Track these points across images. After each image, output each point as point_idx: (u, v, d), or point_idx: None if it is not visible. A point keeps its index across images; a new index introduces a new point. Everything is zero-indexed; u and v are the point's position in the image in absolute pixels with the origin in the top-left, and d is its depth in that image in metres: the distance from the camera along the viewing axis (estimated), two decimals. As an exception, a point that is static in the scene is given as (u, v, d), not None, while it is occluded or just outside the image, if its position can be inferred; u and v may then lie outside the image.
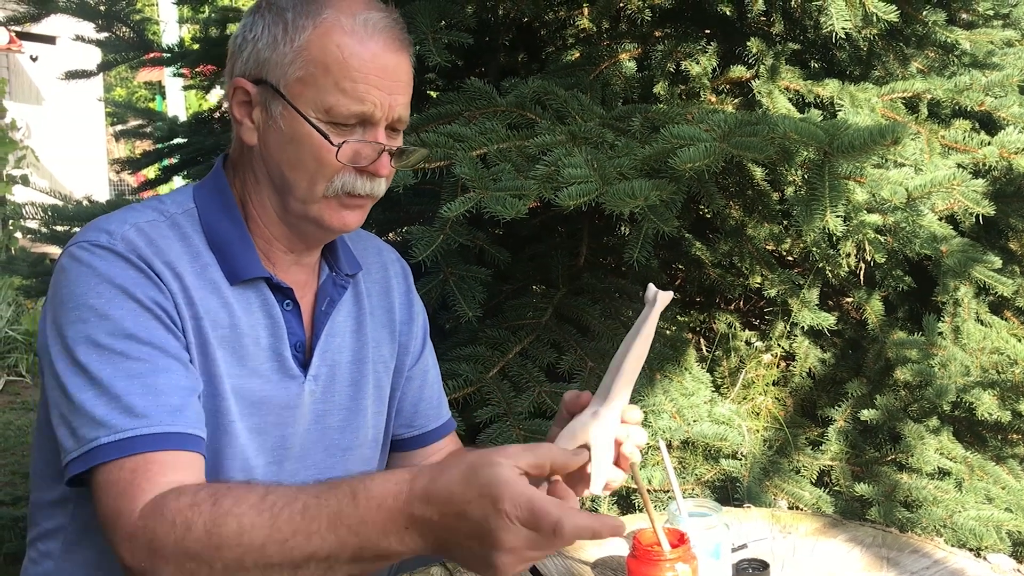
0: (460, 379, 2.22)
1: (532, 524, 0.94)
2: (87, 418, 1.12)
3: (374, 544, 0.99)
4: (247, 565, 1.01)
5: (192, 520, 1.03)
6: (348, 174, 1.24)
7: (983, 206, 2.18)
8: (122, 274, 1.17)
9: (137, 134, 3.72)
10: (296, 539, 1.00)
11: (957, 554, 1.28)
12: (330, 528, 1.00)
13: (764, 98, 2.48)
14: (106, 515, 1.09)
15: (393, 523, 0.99)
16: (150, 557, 1.04)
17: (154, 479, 1.09)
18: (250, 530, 1.01)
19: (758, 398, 2.71)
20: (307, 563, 1.01)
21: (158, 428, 1.12)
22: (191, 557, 1.02)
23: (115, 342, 1.14)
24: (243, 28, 1.28)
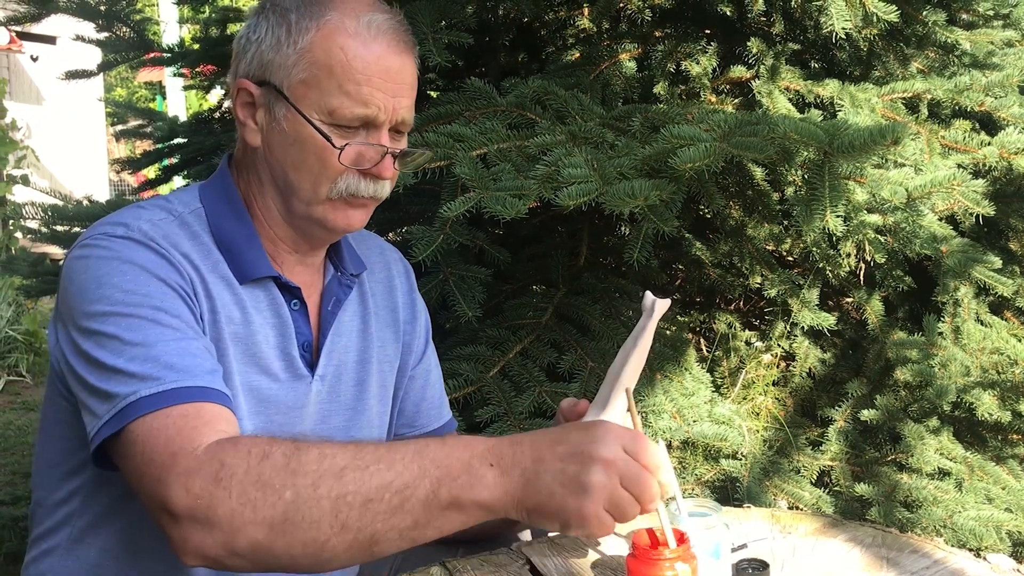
0: (461, 379, 2.23)
1: (632, 448, 1.00)
2: (122, 377, 1.08)
3: (454, 478, 0.98)
4: (319, 493, 0.97)
5: (270, 451, 1.00)
6: (352, 176, 1.24)
7: (983, 206, 2.18)
8: (144, 257, 1.17)
9: (137, 134, 3.72)
10: (378, 466, 0.99)
11: (957, 554, 1.28)
12: (414, 458, 1.00)
13: (764, 98, 2.48)
14: (153, 461, 1.02)
15: (478, 458, 1.00)
16: (211, 488, 0.98)
17: (210, 424, 1.05)
18: (332, 456, 1.00)
19: (758, 398, 2.71)
20: (381, 494, 0.98)
21: (202, 382, 1.09)
22: (261, 485, 0.98)
23: (144, 311, 1.12)
24: (247, 29, 1.28)
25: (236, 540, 0.98)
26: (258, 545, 0.98)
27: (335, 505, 0.98)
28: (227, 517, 0.97)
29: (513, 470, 0.99)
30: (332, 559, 1.00)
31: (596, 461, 0.98)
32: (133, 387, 1.07)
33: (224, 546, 0.98)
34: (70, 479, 1.28)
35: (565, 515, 0.98)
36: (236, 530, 0.97)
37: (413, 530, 1.00)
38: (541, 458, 0.99)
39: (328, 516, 0.98)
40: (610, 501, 0.99)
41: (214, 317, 1.22)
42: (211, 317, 1.22)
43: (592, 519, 0.98)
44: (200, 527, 0.98)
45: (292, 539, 0.98)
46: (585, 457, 0.98)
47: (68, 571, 1.29)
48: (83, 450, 1.22)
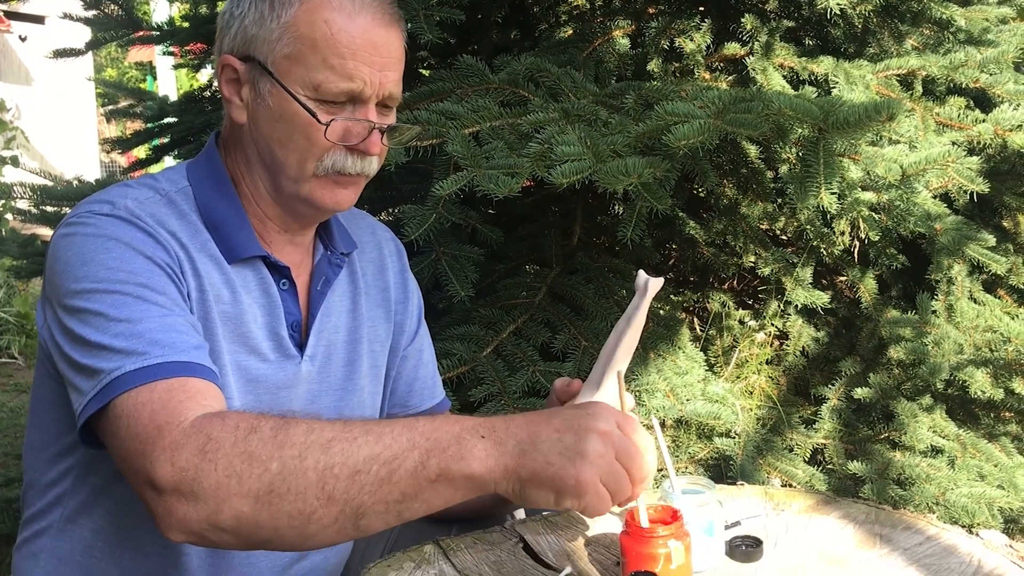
0: (454, 358, 2.22)
1: (625, 426, 1.01)
2: (107, 353, 1.06)
3: (443, 449, 0.97)
4: (306, 465, 0.96)
5: (258, 424, 0.99)
6: (338, 152, 1.23)
7: (977, 184, 2.18)
8: (130, 235, 1.15)
9: (128, 114, 3.70)
10: (366, 438, 0.98)
11: (950, 530, 1.28)
12: (403, 430, 0.98)
13: (758, 75, 2.47)
14: (138, 436, 1.00)
15: (469, 431, 0.99)
16: (197, 461, 0.96)
17: (195, 398, 1.04)
18: (319, 429, 0.98)
19: (751, 377, 2.72)
20: (368, 466, 0.96)
21: (187, 357, 1.07)
22: (247, 456, 0.96)
23: (129, 288, 1.11)
24: (230, 4, 1.26)
25: (221, 512, 0.96)
26: (243, 517, 0.97)
27: (321, 476, 0.96)
28: (212, 489, 0.96)
29: (507, 441, 0.98)
30: (318, 532, 0.98)
31: (593, 431, 0.98)
32: (118, 362, 1.05)
33: (209, 519, 0.97)
34: (61, 460, 1.27)
35: (561, 483, 0.97)
36: (221, 502, 0.96)
37: (400, 503, 0.98)
38: (536, 431, 0.99)
39: (314, 487, 0.96)
40: (607, 472, 0.98)
41: (202, 296, 1.21)
42: (199, 296, 1.20)
43: (590, 488, 0.97)
44: (185, 500, 0.96)
45: (278, 511, 0.96)
46: (581, 428, 0.98)
47: (61, 551, 1.28)
48: (73, 431, 1.21)
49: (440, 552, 1.25)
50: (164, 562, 1.26)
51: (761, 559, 1.23)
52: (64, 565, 1.28)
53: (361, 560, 1.46)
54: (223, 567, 1.28)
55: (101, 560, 1.27)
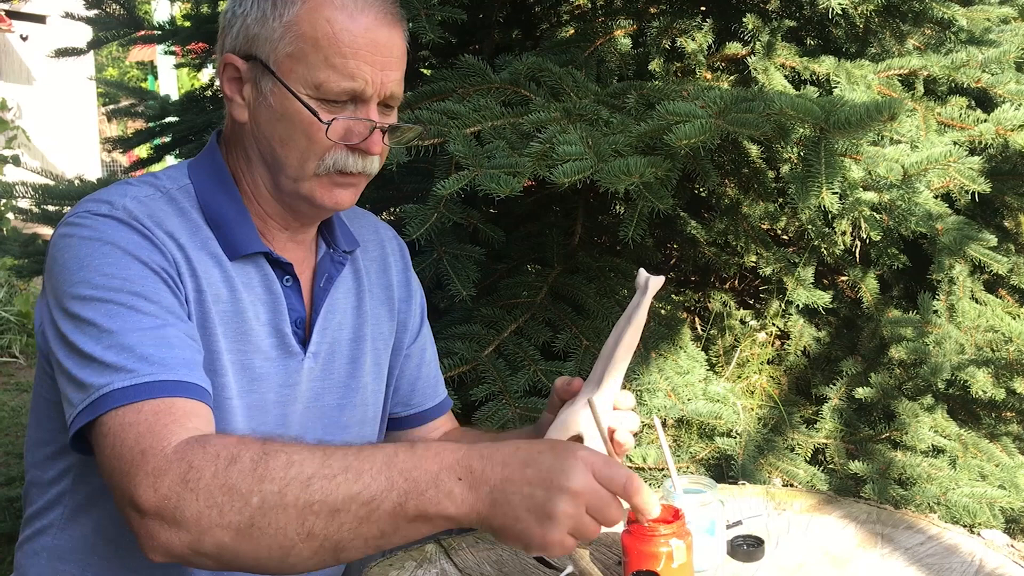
0: (455, 357, 2.22)
1: (604, 476, 0.97)
2: (97, 366, 1.07)
3: (421, 492, 0.97)
4: (286, 502, 0.96)
5: (238, 454, 0.99)
6: (339, 152, 1.23)
7: (979, 184, 2.17)
8: (126, 238, 1.15)
9: (129, 113, 3.70)
10: (345, 476, 0.97)
11: (951, 530, 1.29)
12: (383, 468, 0.98)
13: (760, 75, 2.47)
14: (123, 457, 1.01)
15: (447, 471, 0.98)
16: (179, 489, 0.97)
17: (180, 421, 1.04)
18: (299, 463, 0.98)
19: (753, 376, 2.72)
20: (348, 505, 0.96)
21: (176, 376, 1.08)
22: (227, 490, 0.96)
23: (124, 297, 1.11)
24: (232, 3, 1.26)
25: (202, 541, 0.97)
26: (224, 547, 0.98)
27: (301, 513, 0.97)
28: (194, 519, 0.97)
29: (481, 486, 0.98)
30: (298, 564, 0.99)
31: (564, 491, 0.96)
32: (107, 378, 1.06)
33: (190, 546, 0.98)
34: (60, 458, 1.27)
35: (528, 540, 0.97)
36: (203, 532, 0.97)
37: (379, 539, 0.99)
38: (510, 478, 0.97)
39: (294, 523, 0.97)
40: (574, 527, 0.98)
41: (200, 296, 1.21)
42: (197, 296, 1.20)
43: (555, 546, 0.97)
44: (167, 526, 0.97)
45: (258, 544, 0.97)
46: (554, 486, 0.96)
47: (62, 550, 1.28)
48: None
49: (442, 551, 1.25)
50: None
51: (762, 558, 1.23)
52: (66, 563, 1.28)
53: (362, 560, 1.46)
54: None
55: (103, 558, 1.27)
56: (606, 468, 0.98)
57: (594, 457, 0.99)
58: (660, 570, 1.06)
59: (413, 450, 1.00)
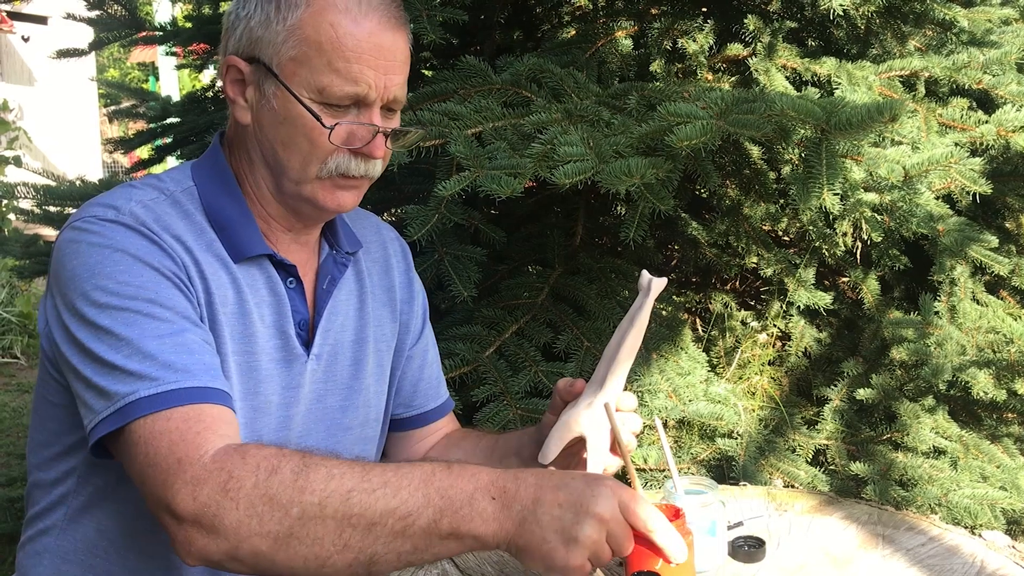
0: (457, 358, 2.22)
1: (627, 508, 1.01)
2: (120, 375, 1.07)
3: (455, 511, 1.00)
4: (326, 513, 0.99)
5: (279, 465, 1.01)
6: (342, 155, 1.23)
7: (980, 185, 2.17)
8: (135, 244, 1.15)
9: (131, 114, 3.70)
10: (384, 491, 1.00)
11: (952, 531, 1.29)
12: (420, 485, 1.01)
13: (761, 76, 2.47)
14: (158, 465, 1.02)
15: (482, 490, 1.01)
16: (219, 498, 0.99)
17: (211, 427, 1.05)
18: (340, 477, 1.00)
19: (754, 377, 2.72)
20: (385, 519, 0.99)
21: (201, 382, 1.08)
22: (268, 500, 0.98)
23: (139, 304, 1.11)
24: (236, 5, 1.26)
25: (240, 549, 0.99)
26: (261, 555, 1.00)
27: (340, 526, 0.99)
28: (233, 527, 0.99)
29: (514, 505, 1.01)
30: (331, 574, 1.01)
31: (592, 516, 1.00)
32: (132, 386, 1.06)
33: (227, 553, 1.00)
34: (63, 460, 1.27)
35: (552, 562, 1.00)
36: (241, 540, 0.99)
37: (412, 554, 1.01)
38: (541, 499, 1.01)
39: (332, 535, 0.99)
40: (594, 552, 1.01)
41: (209, 299, 1.21)
42: (206, 298, 1.20)
43: (576, 570, 1.00)
44: (205, 533, 0.99)
45: (295, 553, 1.00)
46: (583, 510, 1.00)
47: (64, 551, 1.28)
48: (75, 431, 1.21)
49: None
50: (168, 563, 1.26)
51: (764, 559, 1.23)
52: (68, 564, 1.28)
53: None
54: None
55: (105, 560, 1.27)
56: (631, 501, 1.02)
57: (621, 489, 1.03)
58: (659, 569, 1.07)
59: (450, 469, 1.03)
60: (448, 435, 1.55)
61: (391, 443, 1.53)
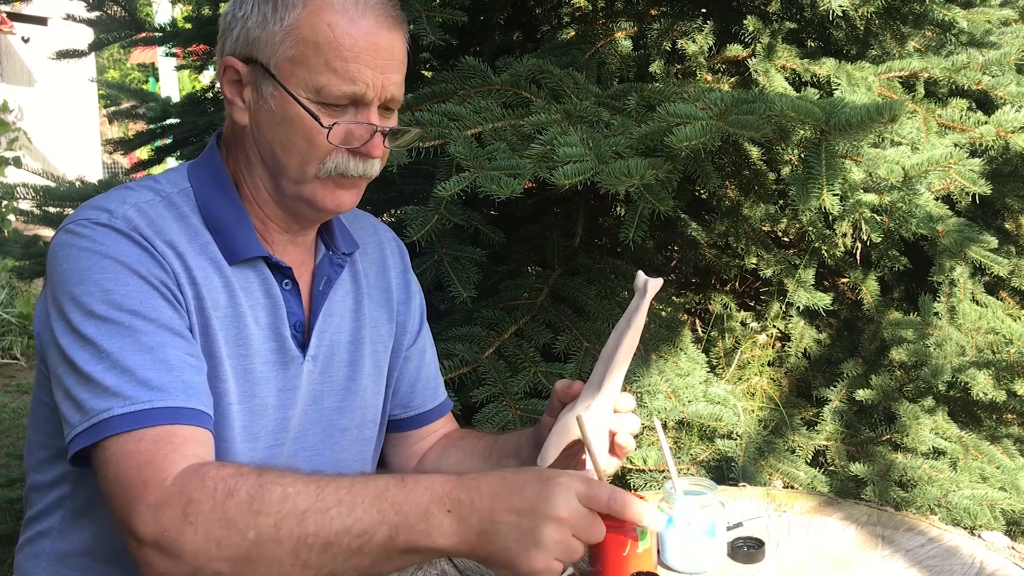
0: (456, 359, 2.22)
1: (587, 496, 1.01)
2: (97, 390, 1.08)
3: (411, 526, 1.00)
4: (281, 535, 0.99)
5: (235, 487, 1.01)
6: (341, 155, 1.23)
7: (980, 185, 2.17)
8: (125, 251, 1.16)
9: (130, 115, 3.70)
10: (339, 509, 1.00)
11: (952, 532, 1.29)
12: (374, 502, 1.01)
13: (760, 77, 2.47)
14: (125, 486, 1.04)
15: (437, 503, 1.01)
16: (178, 524, 1.00)
17: (180, 450, 1.06)
18: (294, 497, 1.01)
19: (753, 378, 2.71)
20: (341, 538, 1.00)
21: (175, 402, 1.09)
22: (225, 523, 0.99)
23: (123, 316, 1.11)
24: (233, 5, 1.26)
25: (201, 572, 1.01)
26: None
27: (296, 546, 1.00)
28: (192, 553, 1.00)
29: (470, 517, 1.01)
30: None
31: (550, 519, 0.99)
32: (107, 403, 1.07)
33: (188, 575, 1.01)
34: (60, 462, 1.27)
35: (516, 567, 1.00)
36: (201, 565, 1.00)
37: (371, 568, 1.02)
38: (497, 508, 1.00)
39: (289, 556, 1.00)
40: (560, 552, 1.01)
41: (200, 304, 1.21)
42: (197, 305, 1.20)
43: (543, 571, 1.01)
44: (167, 557, 1.00)
45: (255, 574, 1.01)
46: (539, 515, 0.99)
47: (63, 553, 1.28)
48: None
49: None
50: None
51: (763, 560, 1.23)
52: (66, 567, 1.28)
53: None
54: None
55: (103, 562, 1.27)
56: (588, 489, 1.02)
57: (575, 481, 1.02)
58: (626, 555, 1.08)
59: (404, 484, 1.03)
60: (447, 436, 1.55)
61: (389, 444, 1.53)
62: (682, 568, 1.20)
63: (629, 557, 1.09)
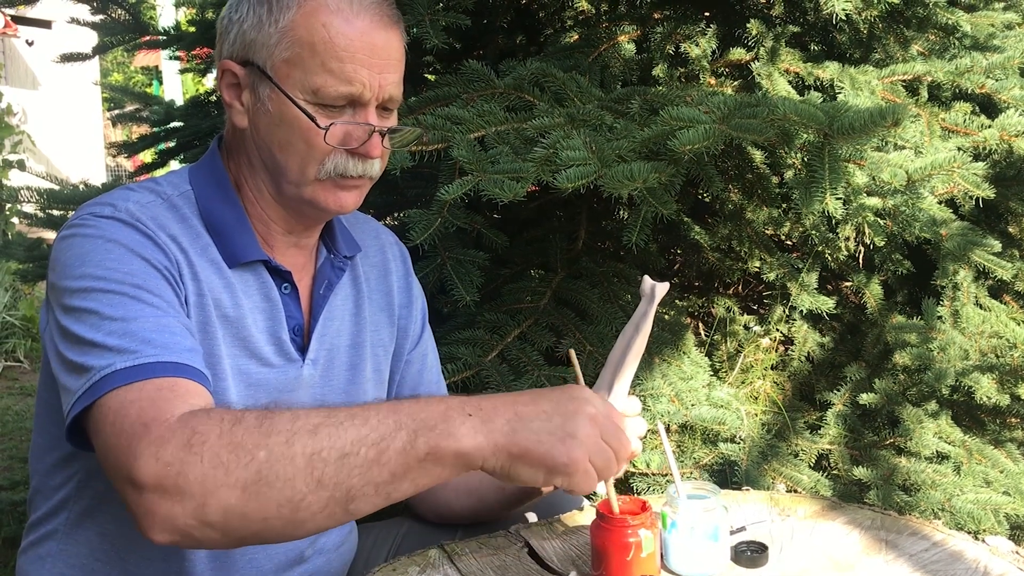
0: (459, 363, 2.22)
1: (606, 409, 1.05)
2: (99, 350, 1.06)
3: (431, 427, 0.98)
4: (294, 451, 0.95)
5: (243, 416, 0.99)
6: (340, 156, 1.23)
7: (983, 189, 2.17)
8: (129, 237, 1.16)
9: (134, 118, 3.70)
10: (352, 422, 0.98)
11: (956, 536, 1.28)
12: (389, 413, 0.99)
13: (764, 80, 2.47)
14: (126, 431, 0.99)
15: (455, 410, 1.00)
16: (182, 454, 0.94)
17: (183, 397, 1.03)
18: (305, 416, 0.99)
19: (756, 382, 2.71)
20: (356, 448, 0.96)
21: (178, 358, 1.07)
22: (233, 448, 0.95)
23: (126, 289, 1.11)
24: (229, 9, 1.27)
25: (207, 506, 0.95)
26: (231, 509, 0.95)
27: (310, 461, 0.96)
28: (199, 482, 0.94)
29: (496, 419, 1.00)
30: (307, 519, 0.97)
31: (581, 414, 1.01)
32: (109, 360, 1.05)
33: (195, 514, 0.95)
34: (65, 464, 1.27)
35: (553, 461, 0.99)
36: (208, 494, 0.94)
37: (390, 484, 0.98)
38: (524, 411, 1.01)
39: (303, 473, 0.95)
40: (595, 452, 1.01)
41: (200, 300, 1.21)
42: (197, 300, 1.20)
43: (580, 467, 1.00)
44: (169, 497, 0.95)
45: (266, 499, 0.95)
46: (570, 411, 1.01)
47: (67, 555, 1.28)
48: None
49: (445, 556, 1.25)
50: (169, 567, 1.26)
51: (766, 564, 1.23)
52: (70, 568, 1.28)
53: (366, 564, 1.47)
54: (227, 570, 1.28)
55: (107, 564, 1.27)
56: (605, 405, 1.06)
57: (595, 395, 1.07)
58: (629, 560, 1.09)
59: (418, 398, 1.04)
60: None
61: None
62: (685, 572, 1.20)
63: (633, 561, 1.09)
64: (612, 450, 1.03)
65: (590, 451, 1.00)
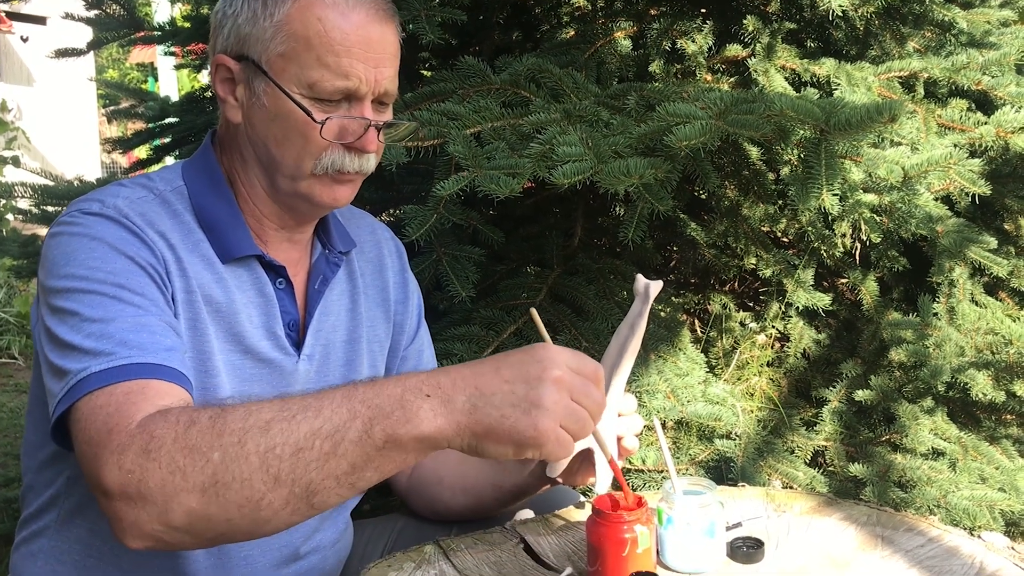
0: (455, 359, 2.22)
1: (575, 366, 0.98)
2: (76, 353, 1.05)
3: (387, 415, 0.95)
4: (247, 450, 0.94)
5: (197, 417, 0.97)
6: (336, 151, 1.22)
7: (979, 186, 2.17)
8: (115, 234, 1.15)
9: (129, 114, 3.69)
10: (305, 415, 0.95)
11: (952, 532, 1.28)
12: (342, 401, 0.96)
13: (760, 77, 2.47)
14: (93, 439, 0.98)
15: (412, 391, 0.96)
16: (142, 461, 0.94)
17: (151, 399, 1.02)
18: (257, 412, 0.96)
19: (752, 378, 2.71)
20: (311, 442, 0.94)
21: (153, 359, 1.06)
22: (188, 451, 0.94)
23: (106, 288, 1.10)
24: (223, 3, 1.26)
25: (170, 511, 0.94)
26: (193, 513, 0.95)
27: (264, 459, 0.94)
28: (158, 488, 0.94)
29: (456, 397, 0.96)
30: (271, 518, 0.96)
31: (545, 380, 0.96)
32: (85, 363, 1.04)
33: (160, 520, 0.95)
34: (55, 461, 1.27)
35: (520, 435, 0.95)
36: (169, 499, 0.94)
37: (351, 475, 0.96)
38: (485, 383, 0.96)
39: (258, 472, 0.94)
40: (565, 416, 0.97)
41: (190, 297, 1.20)
42: (186, 297, 1.20)
43: (549, 435, 0.96)
44: (134, 504, 0.94)
45: (226, 501, 0.94)
46: (533, 376, 0.96)
47: (59, 551, 1.28)
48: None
49: (440, 552, 1.24)
50: (163, 563, 1.25)
51: (762, 560, 1.23)
52: (62, 565, 1.27)
53: (361, 560, 1.46)
54: (223, 566, 1.28)
55: (100, 560, 1.26)
56: (574, 359, 1.00)
57: (560, 349, 1.00)
58: (625, 555, 1.08)
59: (373, 381, 0.99)
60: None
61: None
62: (681, 568, 1.20)
63: (628, 557, 1.09)
64: (584, 408, 0.98)
65: (559, 417, 0.96)
